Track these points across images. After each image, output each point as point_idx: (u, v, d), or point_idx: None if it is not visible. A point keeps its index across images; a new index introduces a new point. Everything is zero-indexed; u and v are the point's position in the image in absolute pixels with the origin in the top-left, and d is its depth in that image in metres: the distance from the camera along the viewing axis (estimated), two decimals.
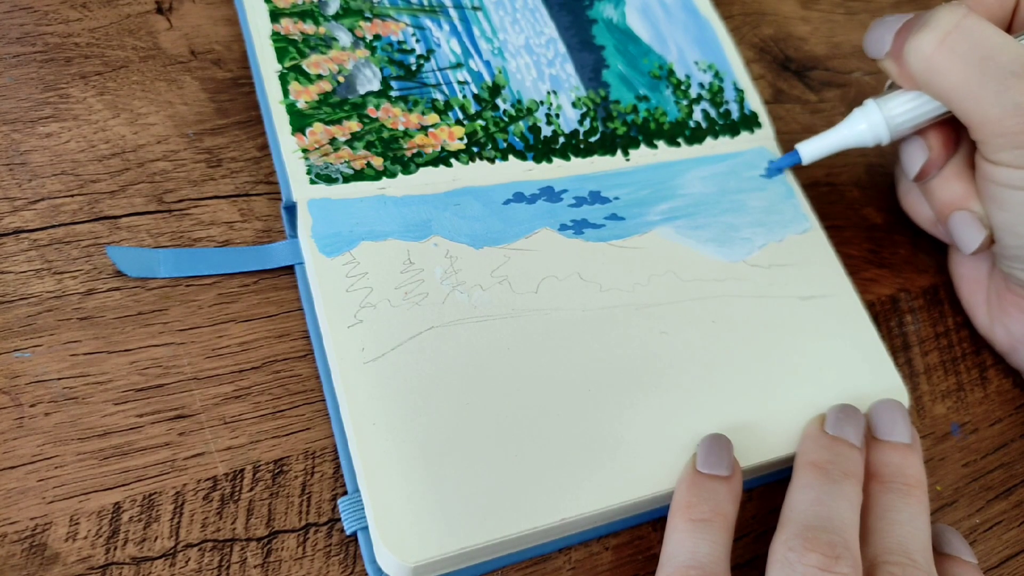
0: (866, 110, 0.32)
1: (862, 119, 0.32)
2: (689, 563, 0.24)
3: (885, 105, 0.31)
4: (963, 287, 0.36)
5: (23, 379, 0.24)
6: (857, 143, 0.32)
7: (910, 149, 0.32)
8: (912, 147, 0.32)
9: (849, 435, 0.28)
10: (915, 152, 0.32)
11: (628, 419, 0.27)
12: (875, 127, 0.32)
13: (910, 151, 0.32)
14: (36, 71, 0.29)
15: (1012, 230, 0.30)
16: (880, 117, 0.31)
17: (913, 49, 0.28)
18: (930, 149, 0.32)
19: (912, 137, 0.32)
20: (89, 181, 0.28)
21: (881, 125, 0.32)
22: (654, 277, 0.30)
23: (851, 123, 0.32)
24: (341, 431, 0.26)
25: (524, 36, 0.35)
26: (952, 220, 0.32)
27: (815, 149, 0.33)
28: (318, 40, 0.31)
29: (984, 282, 0.35)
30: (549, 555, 0.26)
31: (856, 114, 0.32)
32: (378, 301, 0.27)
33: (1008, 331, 0.34)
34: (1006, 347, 0.35)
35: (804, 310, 0.32)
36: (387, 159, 0.30)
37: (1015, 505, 0.32)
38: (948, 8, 0.28)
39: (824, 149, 0.33)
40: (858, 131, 0.32)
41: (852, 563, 0.23)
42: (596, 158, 0.33)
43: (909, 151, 0.32)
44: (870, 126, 0.32)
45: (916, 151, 0.32)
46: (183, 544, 0.24)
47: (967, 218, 0.31)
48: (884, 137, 0.32)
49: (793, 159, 0.34)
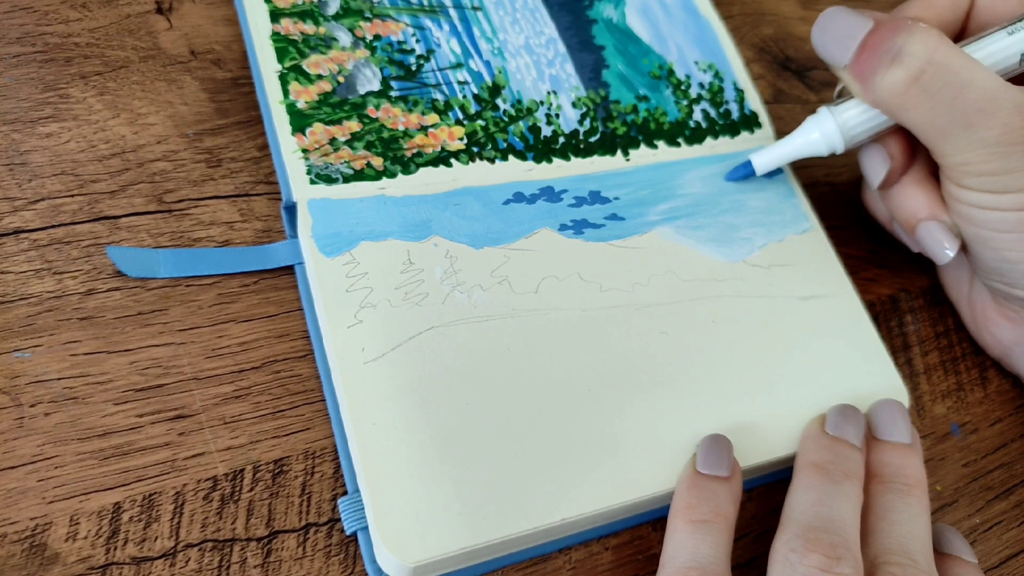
0: (819, 118, 0.31)
1: (815, 127, 0.31)
2: (689, 564, 0.24)
3: (840, 115, 0.30)
4: (950, 294, 0.36)
5: (23, 379, 0.24)
6: (811, 152, 0.31)
7: (871, 158, 0.31)
8: (872, 156, 0.31)
9: (849, 435, 0.28)
10: (876, 161, 0.31)
11: (628, 419, 0.27)
12: (829, 136, 0.31)
13: (871, 160, 0.31)
14: (36, 71, 0.29)
15: (986, 244, 0.30)
16: (834, 125, 0.30)
17: (883, 83, 0.27)
18: (891, 158, 0.31)
19: (871, 146, 0.31)
20: (89, 181, 0.28)
21: (835, 134, 0.30)
22: (654, 277, 0.30)
23: (804, 132, 0.31)
24: (341, 431, 0.26)
25: (524, 36, 0.35)
26: (920, 232, 0.31)
27: (768, 160, 0.33)
28: (318, 40, 0.31)
29: (966, 290, 0.35)
30: (549, 555, 0.26)
31: (809, 122, 0.31)
32: (378, 301, 0.27)
33: (995, 338, 0.34)
34: (997, 353, 0.34)
35: (804, 310, 0.32)
36: (387, 159, 0.30)
37: (1015, 505, 0.32)
38: (920, 38, 0.27)
39: (776, 159, 0.32)
40: (811, 140, 0.31)
41: (853, 563, 0.23)
42: (596, 158, 0.33)
43: (870, 160, 0.31)
44: (823, 135, 0.31)
45: (877, 160, 0.31)
46: (183, 544, 0.24)
47: (936, 228, 0.30)
48: (839, 146, 0.31)
49: (747, 170, 0.33)
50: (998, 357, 0.35)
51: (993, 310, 0.33)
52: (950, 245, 0.30)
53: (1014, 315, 0.32)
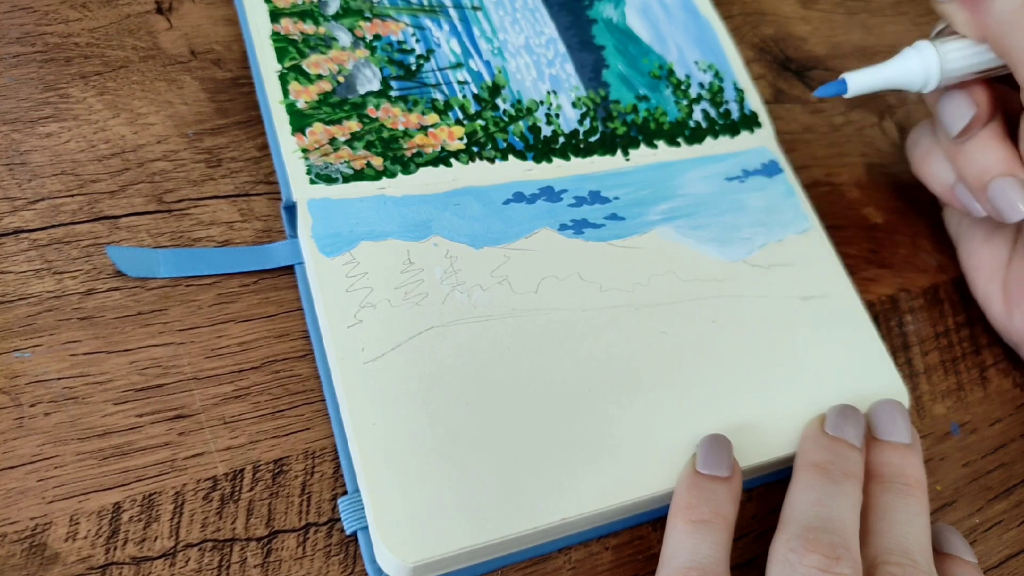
0: (920, 48, 0.30)
1: (915, 56, 0.30)
2: (689, 564, 0.24)
3: (942, 47, 0.30)
4: (978, 277, 0.35)
5: (23, 379, 0.24)
6: (905, 83, 0.30)
7: (955, 102, 0.30)
8: (957, 100, 0.30)
9: (849, 435, 0.28)
10: (961, 106, 0.30)
11: (628, 419, 0.27)
12: (928, 67, 0.30)
13: (955, 105, 0.30)
14: (36, 71, 0.29)
15: None
16: (935, 58, 0.29)
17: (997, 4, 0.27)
18: (977, 105, 0.30)
19: (956, 91, 0.30)
20: (89, 181, 0.28)
21: (934, 66, 0.30)
22: (654, 277, 0.30)
23: (903, 59, 0.30)
24: (341, 431, 0.26)
25: (524, 36, 0.35)
26: (994, 186, 0.30)
27: (863, 81, 0.31)
28: (318, 40, 0.31)
29: (1002, 271, 0.34)
30: (549, 555, 0.26)
31: (908, 52, 0.30)
32: (378, 301, 0.27)
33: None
34: (1020, 337, 0.33)
35: (804, 310, 0.32)
36: (387, 159, 0.30)
37: (1015, 505, 0.32)
38: None
39: (872, 83, 0.31)
40: (909, 67, 0.30)
41: (852, 563, 0.23)
42: (596, 158, 0.33)
43: (954, 105, 0.30)
44: (923, 64, 0.30)
45: (963, 105, 0.30)
46: (183, 544, 0.24)
47: (1012, 184, 0.30)
48: (934, 80, 0.30)
49: (839, 88, 0.31)
50: (1019, 342, 0.34)
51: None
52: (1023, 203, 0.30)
53: None
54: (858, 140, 0.41)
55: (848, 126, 0.41)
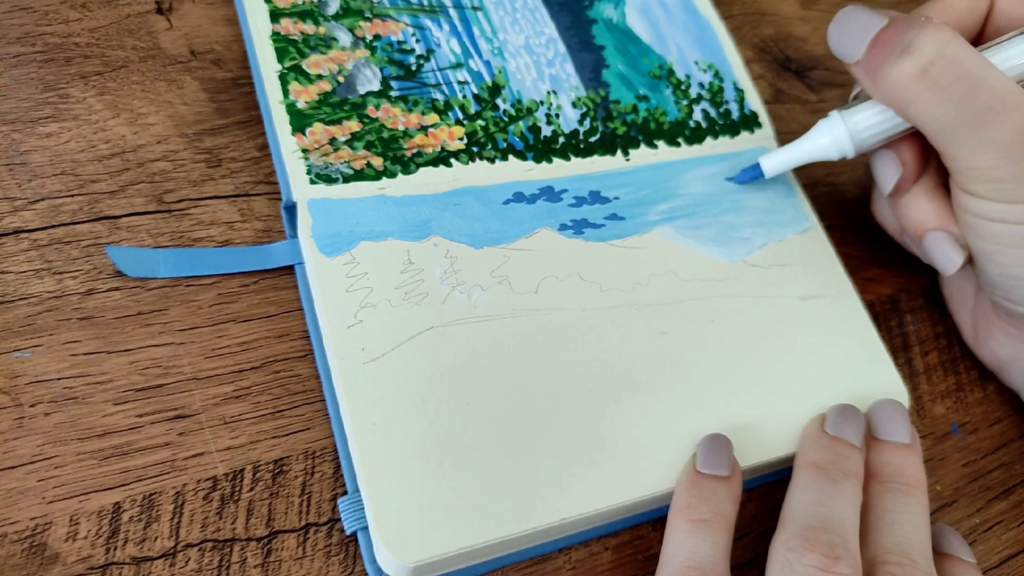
0: (830, 123, 0.31)
1: (826, 132, 0.31)
2: (689, 563, 0.24)
3: (850, 118, 0.30)
4: (951, 304, 0.36)
5: (23, 379, 0.24)
6: (821, 157, 0.31)
7: (883, 164, 0.31)
8: (884, 161, 0.31)
9: (849, 435, 0.28)
10: (888, 168, 0.31)
11: (628, 419, 0.27)
12: (839, 141, 0.30)
13: (883, 166, 0.31)
14: (36, 71, 0.29)
15: (991, 259, 0.29)
16: (844, 131, 0.30)
17: (892, 75, 0.27)
18: (903, 164, 0.30)
19: (883, 151, 0.31)
20: (89, 181, 0.28)
21: (845, 139, 0.30)
22: (654, 277, 0.30)
23: (814, 136, 0.31)
24: (341, 431, 0.26)
25: (524, 36, 0.35)
26: (927, 242, 0.31)
27: (778, 163, 0.32)
28: (318, 40, 0.31)
29: (970, 302, 0.34)
30: (549, 555, 0.26)
31: (820, 127, 0.31)
32: (378, 301, 0.27)
33: (994, 353, 0.34)
34: (993, 367, 0.34)
35: (804, 310, 0.32)
36: (387, 159, 0.30)
37: (1015, 505, 0.32)
38: (931, 32, 0.26)
39: (786, 163, 0.32)
40: (821, 145, 0.31)
41: (852, 563, 0.23)
42: (596, 158, 0.33)
43: (882, 166, 0.31)
44: (834, 140, 0.30)
45: (889, 166, 0.31)
46: (183, 544, 0.24)
47: (942, 240, 0.30)
48: (848, 151, 0.30)
49: (755, 172, 0.33)
50: (994, 370, 0.34)
51: (994, 325, 0.33)
52: (957, 257, 0.30)
53: (1015, 331, 0.32)
54: None
55: None
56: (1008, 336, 0.33)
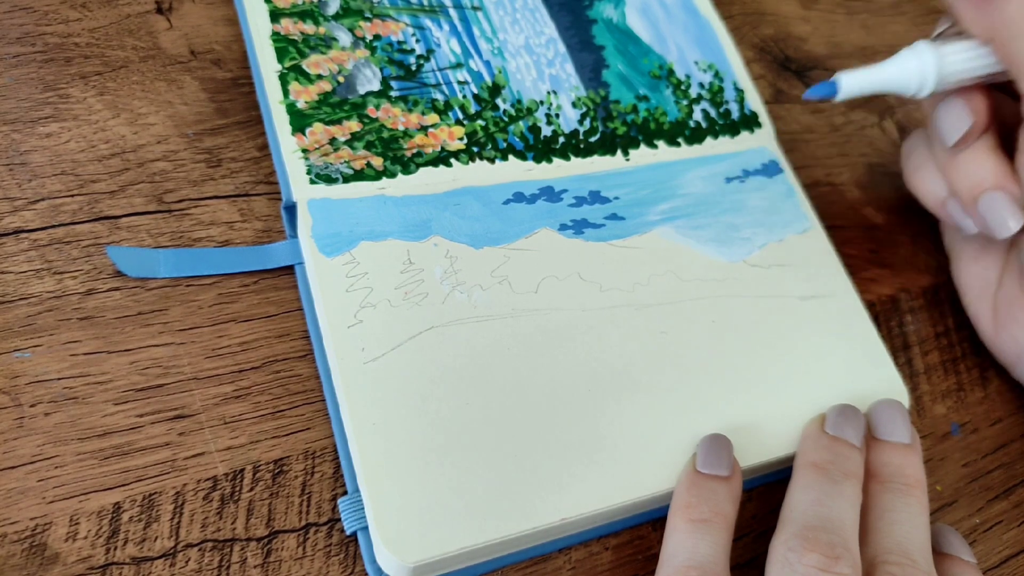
0: (917, 50, 0.29)
1: (912, 58, 0.29)
2: (688, 563, 0.24)
3: (941, 50, 0.28)
4: (968, 293, 0.34)
5: (23, 379, 0.24)
6: (899, 86, 0.29)
7: (951, 112, 0.29)
8: (954, 109, 0.29)
9: (849, 435, 0.28)
10: (958, 116, 0.29)
11: (628, 419, 0.27)
12: (924, 71, 0.28)
13: (951, 114, 0.29)
14: (36, 71, 0.29)
15: None
16: (933, 61, 0.28)
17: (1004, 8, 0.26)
18: (975, 114, 0.29)
19: (953, 99, 0.29)
20: (89, 181, 0.28)
21: (931, 71, 0.28)
22: (654, 277, 0.30)
23: (900, 61, 0.29)
24: (341, 431, 0.26)
25: (524, 36, 0.35)
26: (984, 200, 0.29)
27: (856, 82, 0.29)
28: (318, 40, 0.31)
29: (992, 288, 0.33)
30: (549, 555, 0.26)
31: (905, 53, 0.29)
32: (378, 301, 0.27)
33: (1016, 340, 0.32)
34: (1011, 357, 0.33)
35: (804, 310, 0.32)
36: (387, 159, 0.30)
37: (1015, 505, 0.32)
38: None
39: (866, 85, 0.29)
40: (906, 69, 0.29)
41: (851, 563, 0.23)
42: (596, 158, 0.33)
43: (951, 113, 0.29)
44: (920, 67, 0.28)
45: (959, 115, 0.29)
46: (183, 544, 0.24)
47: (1001, 199, 0.29)
48: (930, 84, 0.28)
49: (830, 89, 0.30)
50: (1011, 363, 0.33)
51: (1021, 308, 0.32)
52: (1013, 220, 0.29)
53: None
54: (858, 140, 0.41)
55: (848, 126, 0.41)
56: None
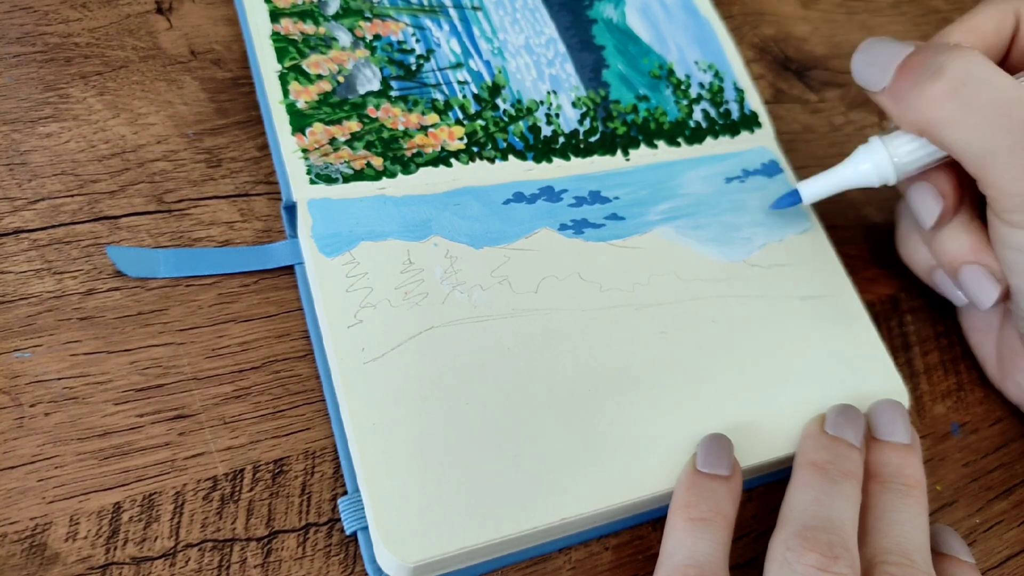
0: (871, 149, 0.30)
1: (866, 158, 0.30)
2: (688, 562, 0.24)
3: (892, 143, 0.29)
4: (972, 337, 0.35)
5: (23, 379, 0.24)
6: (861, 183, 0.30)
7: (922, 197, 0.30)
8: (924, 195, 0.30)
9: (849, 435, 0.28)
10: (928, 200, 0.30)
11: (628, 419, 0.27)
12: (881, 167, 0.30)
13: (922, 199, 0.30)
14: (36, 71, 0.29)
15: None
16: (886, 157, 0.29)
17: (922, 99, 0.26)
18: (944, 196, 0.29)
19: (921, 184, 0.30)
20: (89, 181, 0.28)
21: (887, 165, 0.29)
22: (654, 277, 0.30)
23: (855, 162, 0.30)
24: (341, 431, 0.26)
25: (524, 36, 0.35)
26: (963, 275, 0.30)
27: (816, 190, 0.31)
28: (318, 40, 0.31)
29: (994, 335, 0.33)
30: (549, 555, 0.26)
31: (860, 153, 0.30)
32: (378, 301, 0.27)
33: (1020, 387, 0.33)
34: (1018, 400, 0.33)
35: (804, 310, 0.32)
36: (387, 159, 0.30)
37: (1015, 505, 0.32)
38: (959, 55, 0.26)
39: (826, 190, 0.31)
40: (862, 171, 0.30)
41: (851, 563, 0.23)
42: (596, 158, 0.33)
43: (921, 199, 0.30)
44: (875, 166, 0.30)
45: (929, 199, 0.30)
46: (183, 544, 0.24)
47: (979, 273, 0.29)
48: (890, 177, 0.30)
49: (794, 199, 0.32)
50: (1019, 403, 0.33)
51: (1021, 356, 0.32)
52: (992, 291, 0.29)
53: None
54: (858, 140, 0.41)
55: (848, 126, 0.41)
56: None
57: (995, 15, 0.30)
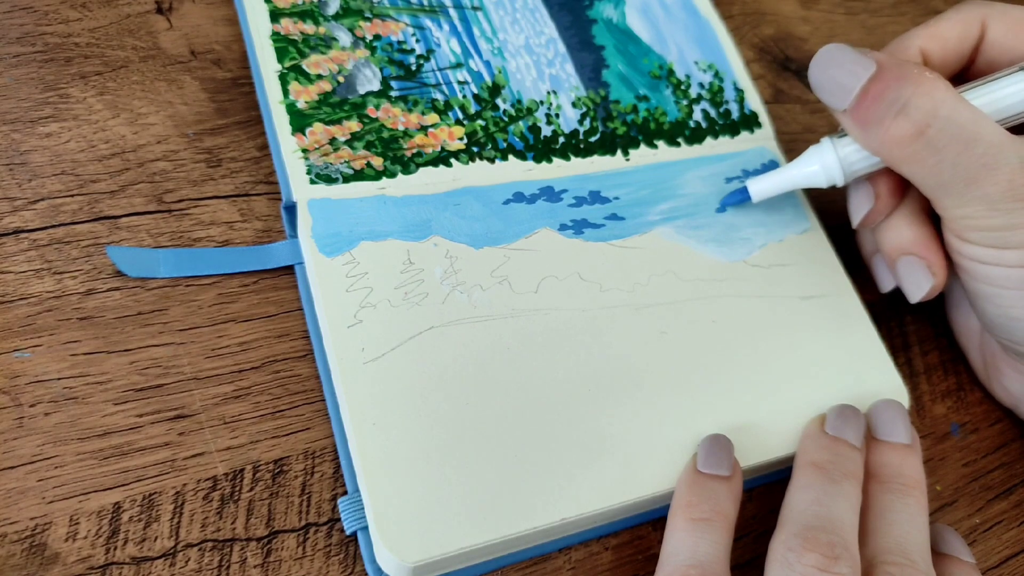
0: (821, 150, 0.30)
1: (816, 160, 0.30)
2: (689, 562, 0.24)
3: (842, 148, 0.29)
4: (960, 340, 0.35)
5: (23, 379, 0.24)
6: (809, 184, 0.31)
7: (856, 196, 0.31)
8: (858, 194, 0.30)
9: (849, 435, 0.28)
10: (860, 200, 0.30)
11: (628, 419, 0.27)
12: (829, 170, 0.30)
13: (855, 198, 0.31)
14: (36, 71, 0.29)
15: (989, 300, 0.29)
16: (835, 159, 0.29)
17: (886, 136, 0.27)
18: (877, 198, 0.30)
19: (860, 182, 0.30)
20: (89, 181, 0.28)
21: (836, 168, 0.29)
22: (654, 277, 0.30)
23: (804, 162, 0.30)
24: (341, 431, 0.26)
25: (524, 36, 0.35)
26: (900, 265, 0.30)
27: (764, 187, 0.32)
28: (318, 40, 0.31)
29: (976, 339, 0.34)
30: (549, 555, 0.26)
31: (810, 153, 0.30)
32: (378, 301, 0.27)
33: (1006, 390, 0.33)
34: (1008, 404, 0.33)
35: (804, 310, 0.32)
36: (387, 159, 0.30)
37: (1015, 505, 0.32)
38: (927, 92, 0.26)
39: (773, 188, 0.31)
40: (809, 172, 0.30)
41: (851, 563, 0.23)
42: (596, 158, 0.33)
43: (855, 197, 0.31)
44: (824, 168, 0.30)
45: (862, 198, 0.30)
46: (183, 544, 0.24)
47: (914, 264, 0.30)
48: (838, 180, 0.30)
49: (743, 196, 0.32)
50: (1009, 407, 0.34)
51: (1003, 362, 0.32)
52: (925, 283, 0.30)
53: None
54: None
55: None
56: (1018, 373, 0.32)
57: (960, 23, 0.30)
